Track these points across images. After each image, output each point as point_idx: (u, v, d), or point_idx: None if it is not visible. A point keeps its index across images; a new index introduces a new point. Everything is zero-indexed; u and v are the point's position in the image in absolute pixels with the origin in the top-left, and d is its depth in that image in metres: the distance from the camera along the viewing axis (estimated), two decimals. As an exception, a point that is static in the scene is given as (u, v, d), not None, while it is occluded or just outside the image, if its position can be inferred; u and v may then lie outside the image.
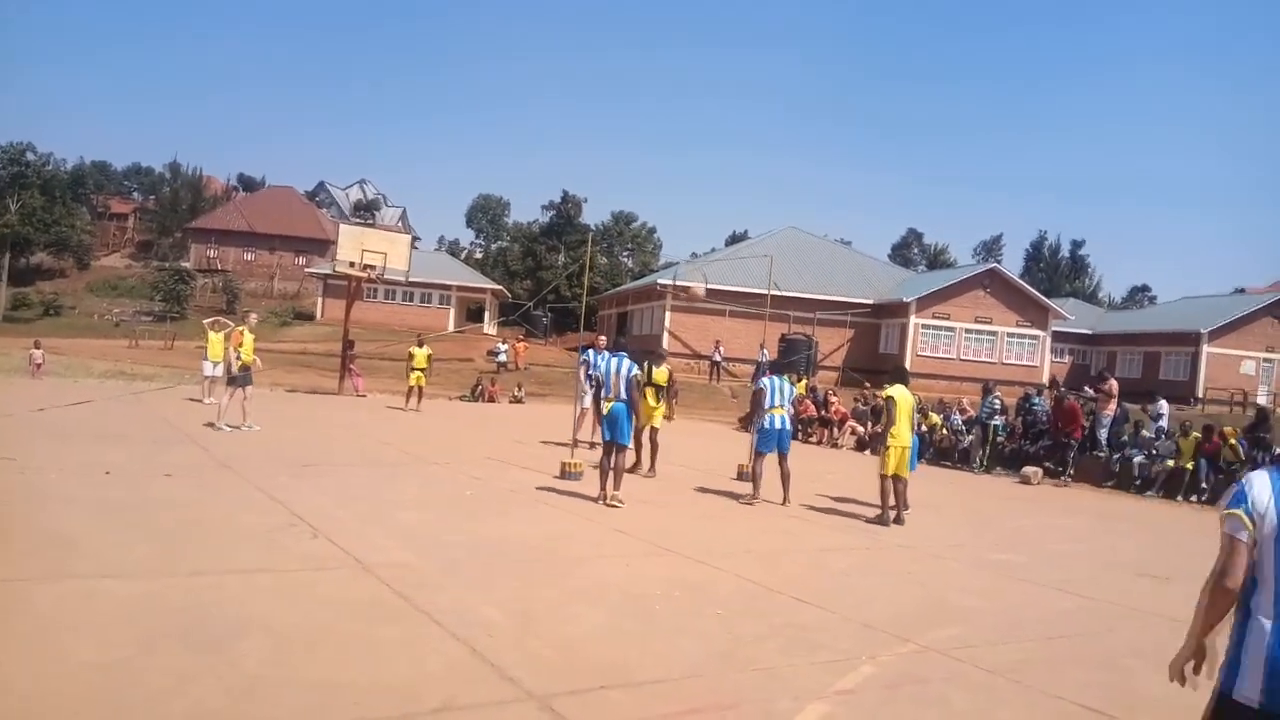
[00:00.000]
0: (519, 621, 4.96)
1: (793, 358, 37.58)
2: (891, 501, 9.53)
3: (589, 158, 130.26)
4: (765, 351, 33.38)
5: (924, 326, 40.23)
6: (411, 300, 50.46)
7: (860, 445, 19.63)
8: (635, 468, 11.53)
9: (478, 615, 4.99)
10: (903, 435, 9.50)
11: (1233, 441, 14.47)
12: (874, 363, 40.16)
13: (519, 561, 6.50)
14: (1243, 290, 52.53)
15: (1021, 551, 8.85)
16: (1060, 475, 15.45)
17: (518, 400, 25.15)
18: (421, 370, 19.63)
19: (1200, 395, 38.91)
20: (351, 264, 21.37)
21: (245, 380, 13.63)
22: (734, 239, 70.27)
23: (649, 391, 11.79)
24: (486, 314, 52.24)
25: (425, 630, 4.69)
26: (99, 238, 69.76)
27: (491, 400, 25.16)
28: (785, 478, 10.40)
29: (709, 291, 39.23)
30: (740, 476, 11.95)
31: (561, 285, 60.55)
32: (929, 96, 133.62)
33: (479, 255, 72.27)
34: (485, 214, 78.64)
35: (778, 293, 40.32)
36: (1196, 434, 14.94)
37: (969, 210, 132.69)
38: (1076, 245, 75.09)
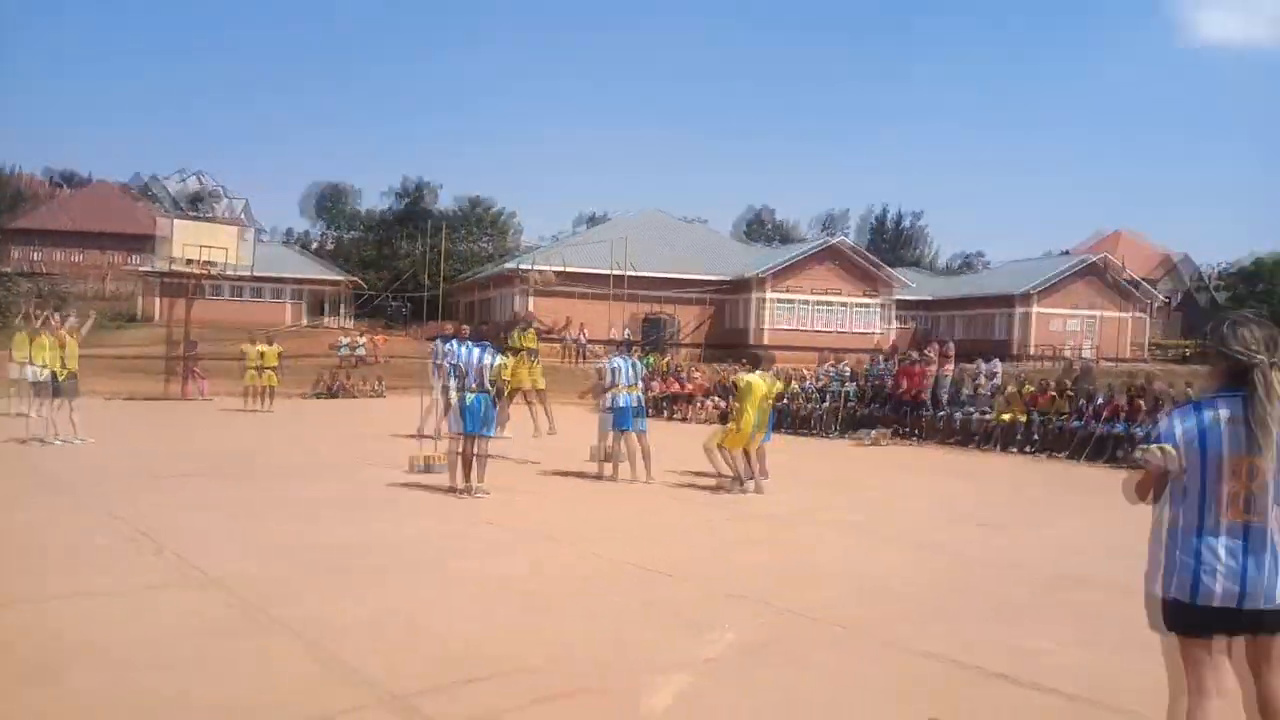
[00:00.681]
0: (380, 624, 4.83)
1: (655, 336, 38.27)
2: (735, 469, 9.73)
3: (442, 143, 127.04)
4: (627, 331, 33.65)
5: (775, 301, 41.54)
6: (260, 296, 48.05)
7: (723, 418, 20.10)
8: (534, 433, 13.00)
9: (335, 622, 4.83)
10: (747, 423, 9.65)
11: (1054, 395, 15.66)
12: (732, 338, 41.20)
13: (380, 562, 6.32)
14: (1067, 252, 56.64)
15: (875, 511, 9.33)
16: (908, 435, 16.35)
17: (377, 394, 24.42)
18: (272, 369, 18.77)
19: (1030, 353, 41.86)
20: (188, 261, 20.12)
21: (70, 390, 12.67)
22: (595, 221, 70.31)
23: (520, 357, 12.98)
24: (342, 306, 50.33)
25: (279, 642, 4.50)
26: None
27: (348, 396, 24.34)
28: (645, 455, 10.52)
29: (563, 275, 39.29)
30: (592, 458, 12.00)
31: (418, 273, 59.28)
32: (771, 77, 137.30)
33: (330, 246, 69.43)
34: (333, 203, 75.54)
35: (636, 273, 40.85)
36: (1030, 387, 16.10)
37: (815, 186, 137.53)
38: (915, 216, 79.14)
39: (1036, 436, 15.49)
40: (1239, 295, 52.01)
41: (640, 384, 10.84)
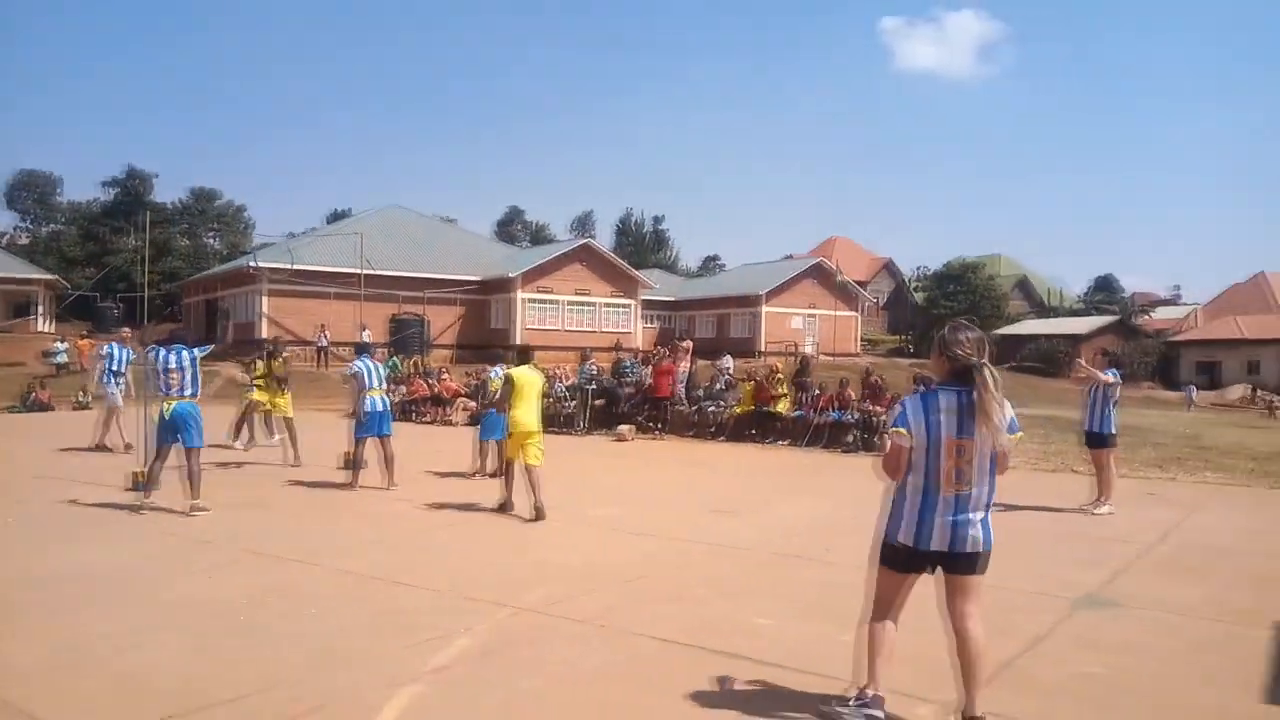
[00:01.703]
0: (74, 663, 4.35)
1: (403, 335, 37.05)
2: (514, 491, 8.85)
3: (162, 130, 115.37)
4: (367, 333, 32.42)
5: (530, 300, 41.72)
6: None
7: (473, 421, 19.93)
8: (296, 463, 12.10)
9: (14, 664, 4.29)
10: (525, 420, 8.63)
11: (783, 389, 16.94)
12: (486, 339, 40.86)
13: (79, 593, 5.67)
14: (790, 256, 61.41)
15: (617, 504, 9.62)
16: (654, 430, 17.03)
17: (81, 406, 21.79)
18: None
19: (762, 349, 44.99)
20: None
21: None
22: (336, 217, 66.93)
23: (268, 382, 13.28)
24: (40, 308, 44.38)
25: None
26: None
27: (47, 408, 21.56)
28: (389, 460, 10.27)
29: (302, 273, 37.14)
30: (345, 465, 11.55)
31: (133, 271, 53.55)
32: (517, 78, 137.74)
33: (24, 241, 61.00)
34: (30, 193, 66.47)
35: (383, 272, 39.44)
36: (756, 381, 17.28)
37: (565, 187, 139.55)
38: (657, 220, 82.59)
39: (749, 427, 16.68)
40: (933, 296, 58.94)
41: (384, 387, 10.55)
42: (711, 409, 17.36)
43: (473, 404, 20.63)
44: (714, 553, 7.22)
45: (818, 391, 16.57)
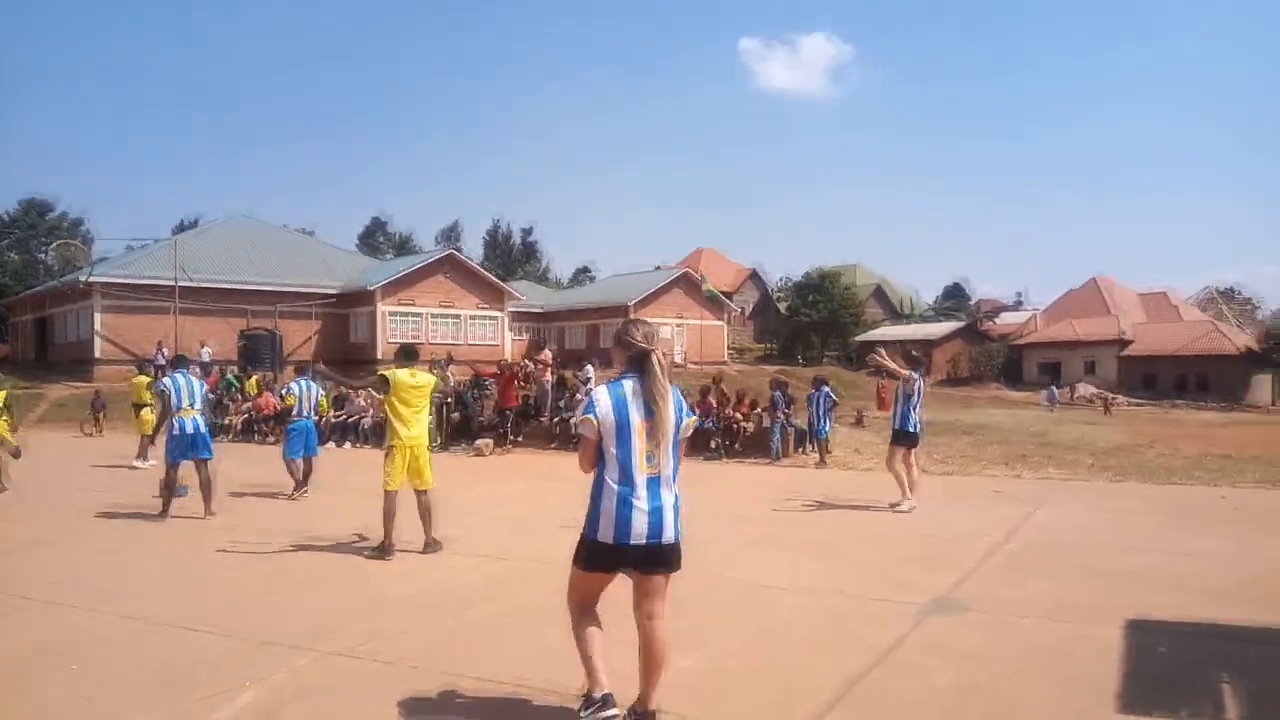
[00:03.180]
0: None
1: (252, 351, 34.93)
2: (388, 528, 7.33)
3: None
4: (207, 351, 30.53)
5: (391, 313, 40.24)
6: None
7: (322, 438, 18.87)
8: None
9: None
10: (411, 433, 7.32)
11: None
12: (347, 353, 39.14)
13: None
14: (659, 267, 61.79)
15: (462, 524, 8.99)
16: (513, 443, 16.45)
17: None
18: None
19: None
20: None
21: None
22: (183, 228, 63.01)
23: None
24: None
25: None
26: None
27: None
28: (205, 485, 9.35)
29: (139, 288, 34.64)
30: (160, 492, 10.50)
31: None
32: (389, 86, 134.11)
33: None
34: None
35: (231, 285, 37.22)
36: (619, 392, 16.94)
37: (431, 197, 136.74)
38: (526, 232, 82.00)
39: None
40: (795, 305, 60.49)
41: (200, 406, 9.56)
42: (573, 419, 16.89)
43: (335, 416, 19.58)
44: (558, 572, 6.71)
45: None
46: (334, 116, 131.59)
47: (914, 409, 9.66)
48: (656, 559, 3.57)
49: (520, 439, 16.84)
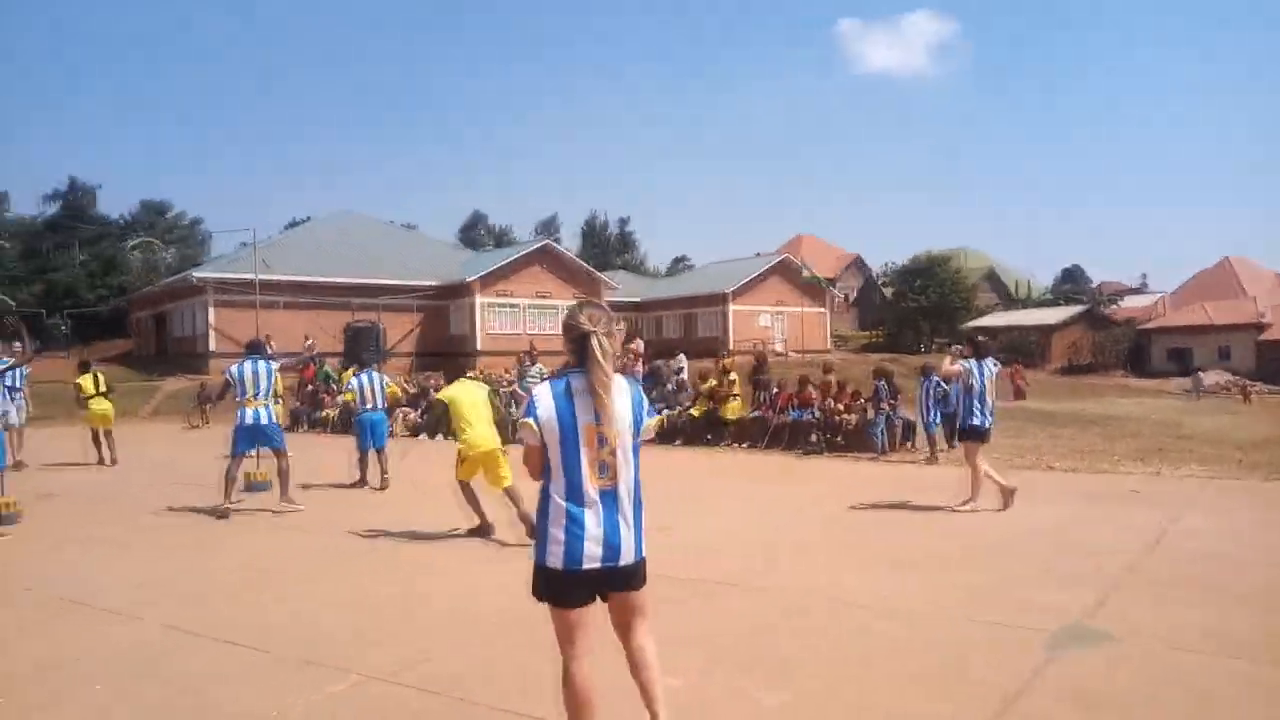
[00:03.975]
0: None
1: (356, 344, 35.60)
2: (477, 511, 7.77)
3: (107, 140, 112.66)
4: (312, 342, 31.12)
5: (488, 305, 40.48)
6: None
7: (414, 432, 18.81)
8: None
9: None
10: (478, 438, 7.67)
11: (735, 389, 15.88)
12: (447, 346, 39.60)
13: None
14: (759, 255, 60.51)
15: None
16: None
17: (7, 427, 20.28)
18: None
19: (730, 348, 44.00)
20: None
21: None
22: (294, 226, 65.23)
23: None
24: (-25, 328, 42.50)
25: None
26: None
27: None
28: (281, 475, 9.29)
29: (248, 284, 35.72)
30: (250, 486, 10.41)
31: (80, 287, 51.79)
32: (486, 81, 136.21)
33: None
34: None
35: (336, 279, 38.09)
36: (712, 381, 16.22)
37: (530, 191, 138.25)
38: (624, 222, 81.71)
39: (693, 429, 15.62)
40: (901, 291, 58.29)
41: (268, 397, 9.29)
42: (665, 412, 16.27)
43: (412, 413, 19.52)
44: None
45: (776, 390, 15.54)
46: (438, 114, 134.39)
47: (978, 400, 8.67)
48: (619, 579, 3.05)
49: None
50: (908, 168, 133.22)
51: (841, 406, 14.44)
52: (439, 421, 8.41)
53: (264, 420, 9.11)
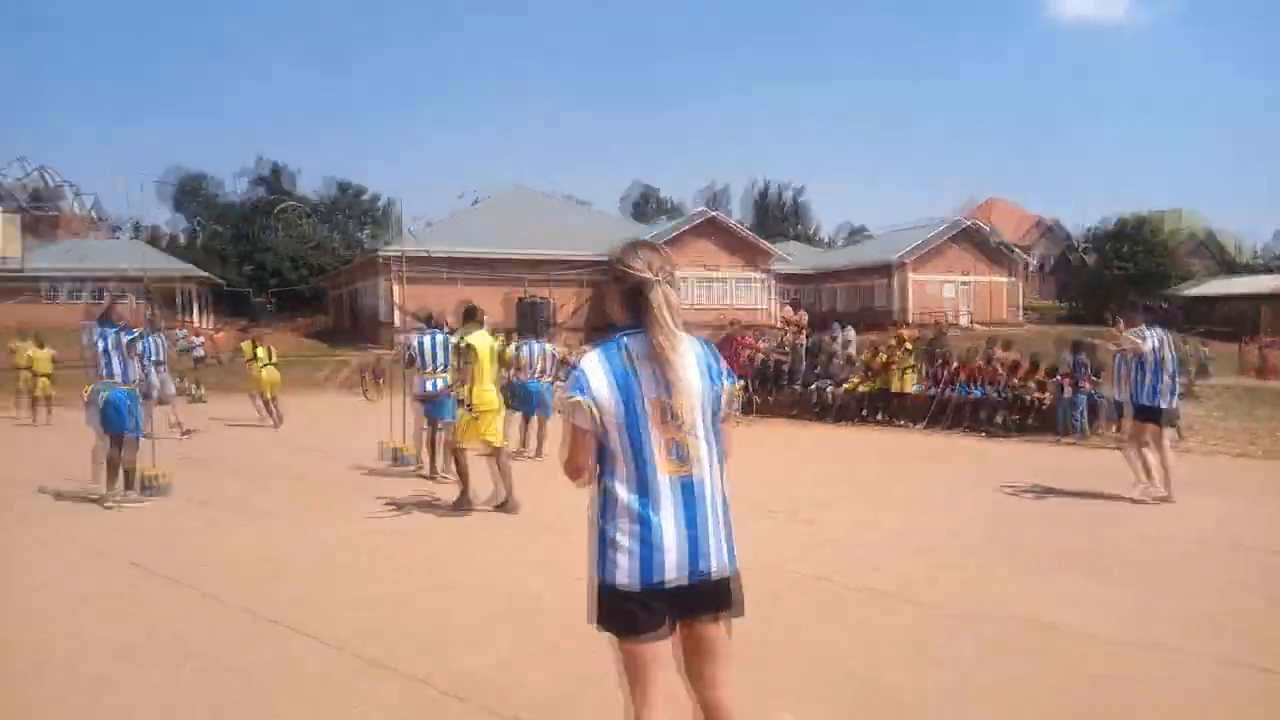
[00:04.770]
0: None
1: (526, 317, 36.27)
2: (491, 484, 7.55)
3: (304, 125, 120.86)
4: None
5: (654, 277, 40.16)
6: (100, 298, 43.98)
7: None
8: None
9: None
10: (489, 396, 7.42)
11: (909, 362, 14.55)
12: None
13: None
14: (942, 220, 57.02)
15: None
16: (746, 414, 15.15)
17: (196, 399, 21.84)
18: (47, 376, 16.21)
19: (908, 320, 41.64)
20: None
21: None
22: (476, 202, 67.61)
23: None
24: (195, 304, 46.63)
25: None
26: None
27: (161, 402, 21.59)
28: (445, 445, 8.94)
29: (426, 259, 37.04)
30: (397, 460, 10.30)
31: (284, 267, 55.64)
32: (639, 58, 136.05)
33: (182, 241, 64.79)
34: (194, 196, 70.62)
35: (504, 253, 38.91)
36: (883, 355, 14.96)
37: (699, 163, 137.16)
38: (797, 191, 79.23)
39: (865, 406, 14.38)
40: (1106, 255, 53.27)
41: (444, 368, 9.05)
42: (828, 387, 15.17)
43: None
44: (773, 581, 5.26)
45: (955, 365, 14.09)
46: (608, 86, 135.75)
47: (1151, 375, 7.20)
48: (703, 599, 2.38)
49: (769, 402, 15.42)
50: (1110, 123, 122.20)
51: (1032, 384, 12.87)
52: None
53: (433, 389, 9.06)
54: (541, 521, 7.03)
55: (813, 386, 15.49)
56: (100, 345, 8.01)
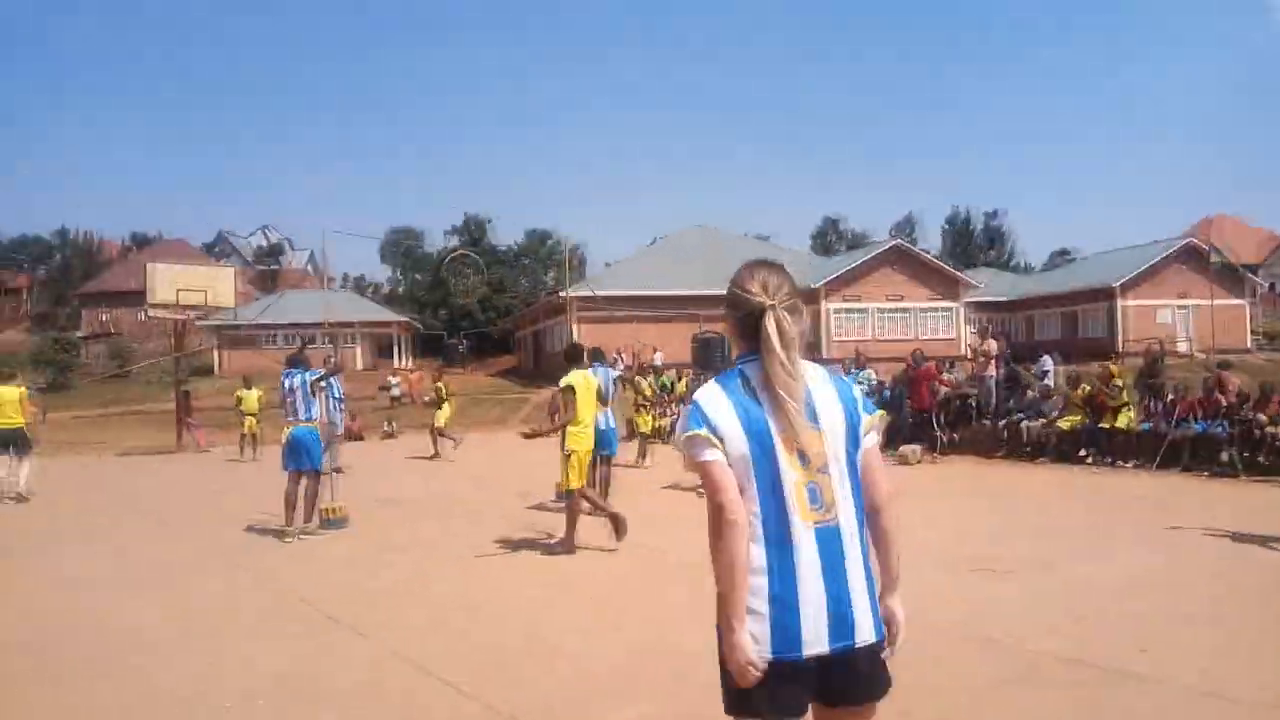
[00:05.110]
0: None
1: (704, 354, 36.11)
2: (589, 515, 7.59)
3: (498, 178, 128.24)
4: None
5: (835, 311, 39.05)
6: (314, 344, 47.90)
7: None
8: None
9: None
10: (587, 435, 7.43)
11: (1124, 396, 13.09)
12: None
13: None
14: (1158, 241, 52.27)
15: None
16: (931, 451, 14.10)
17: (389, 435, 23.05)
18: (253, 415, 17.56)
19: (1120, 349, 38.17)
20: (171, 305, 19.29)
21: (18, 447, 12.09)
22: (655, 242, 68.77)
23: None
24: (398, 347, 49.89)
25: None
26: (-9, 314, 66.22)
27: (357, 437, 22.96)
28: (602, 481, 9.05)
29: (606, 299, 37.76)
30: (558, 498, 10.24)
31: (475, 311, 58.50)
32: (835, 82, 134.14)
33: (386, 290, 69.73)
34: (398, 248, 76.07)
35: (682, 292, 39.07)
36: (1086, 387, 13.57)
37: (885, 191, 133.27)
38: (989, 216, 75.20)
39: (1080, 444, 12.97)
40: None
41: (605, 403, 8.97)
42: (1026, 423, 13.91)
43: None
44: (959, 648, 4.62)
45: (1172, 397, 12.55)
46: (781, 127, 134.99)
47: None
48: (851, 680, 1.99)
49: (957, 442, 14.32)
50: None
51: (1265, 417, 11.22)
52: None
53: (603, 425, 8.86)
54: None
55: (1003, 422, 14.26)
56: (286, 385, 8.48)
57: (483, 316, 57.58)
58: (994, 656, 4.48)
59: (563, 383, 7.44)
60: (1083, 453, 12.97)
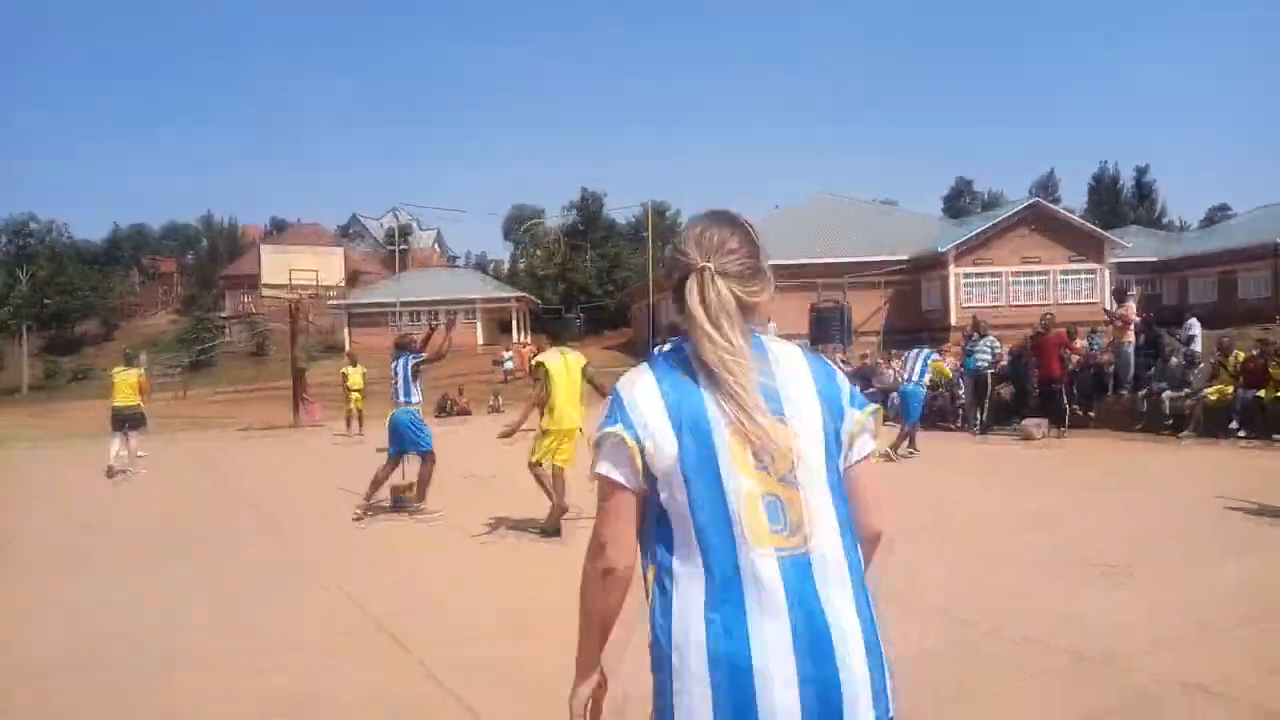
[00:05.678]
0: None
1: (822, 325, 34.83)
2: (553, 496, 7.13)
3: (617, 151, 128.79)
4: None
5: (965, 276, 36.91)
6: (437, 320, 49.11)
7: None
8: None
9: None
10: (565, 415, 7.02)
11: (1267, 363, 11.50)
12: (918, 323, 37.03)
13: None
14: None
15: (948, 547, 6.31)
16: (1058, 427, 12.77)
17: (495, 409, 23.08)
18: (358, 391, 17.81)
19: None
20: (283, 286, 19.83)
21: (133, 423, 12.94)
22: (777, 208, 67.28)
23: None
24: (514, 323, 50.64)
25: None
26: (146, 298, 71.07)
27: (463, 413, 23.11)
28: None
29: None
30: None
31: (591, 285, 58.74)
32: (961, 38, 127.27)
33: (508, 267, 70.95)
34: (520, 225, 77.36)
35: (797, 261, 37.78)
36: (1239, 354, 12.00)
37: (1022, 149, 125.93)
38: (1140, 171, 69.70)
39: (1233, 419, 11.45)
40: None
41: None
42: (1168, 393, 12.44)
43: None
44: (1066, 671, 3.78)
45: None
46: (906, 85, 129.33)
47: None
48: None
49: (1090, 416, 12.97)
50: None
51: None
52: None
53: None
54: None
55: (1142, 393, 12.80)
56: (392, 368, 8.51)
57: (599, 291, 57.73)
58: (1097, 688, 3.65)
59: (534, 360, 7.28)
60: (1233, 424, 11.47)
